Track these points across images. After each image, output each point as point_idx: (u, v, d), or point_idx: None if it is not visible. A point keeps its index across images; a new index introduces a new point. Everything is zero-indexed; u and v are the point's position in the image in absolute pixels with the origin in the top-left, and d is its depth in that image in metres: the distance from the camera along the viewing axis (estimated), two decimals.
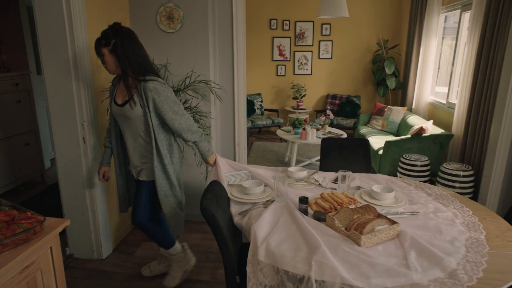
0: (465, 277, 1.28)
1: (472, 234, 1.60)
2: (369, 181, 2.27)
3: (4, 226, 1.32)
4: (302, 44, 7.00)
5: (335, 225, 1.60)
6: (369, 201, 1.90)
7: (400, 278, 1.28)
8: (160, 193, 2.16)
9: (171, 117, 2.04)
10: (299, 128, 4.84)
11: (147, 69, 2.04)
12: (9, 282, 1.23)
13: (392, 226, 1.55)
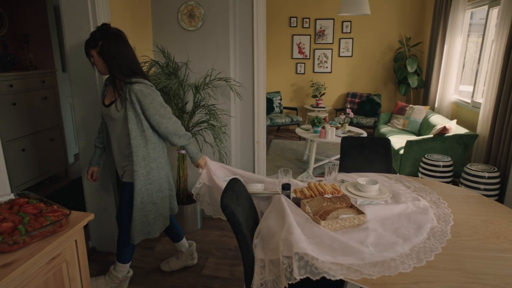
0: (414, 260, 1.40)
1: (441, 224, 1.70)
2: (355, 176, 2.30)
3: (32, 218, 1.36)
4: (322, 42, 6.94)
5: (306, 210, 1.76)
6: (354, 193, 1.97)
7: (353, 256, 1.41)
8: (136, 199, 2.09)
9: (157, 120, 2.02)
10: (318, 126, 4.80)
11: (134, 71, 2.02)
12: (38, 272, 1.27)
13: (357, 216, 1.67)
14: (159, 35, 3.10)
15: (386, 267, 1.35)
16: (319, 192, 1.92)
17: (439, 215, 1.80)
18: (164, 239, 3.02)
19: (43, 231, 1.31)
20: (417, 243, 1.52)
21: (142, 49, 2.96)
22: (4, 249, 1.22)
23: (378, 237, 1.56)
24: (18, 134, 3.65)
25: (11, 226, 1.29)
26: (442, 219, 1.76)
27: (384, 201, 1.91)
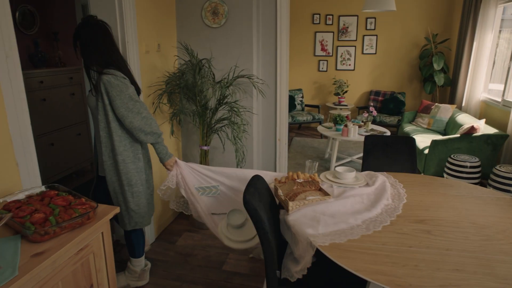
0: (363, 230, 1.61)
1: (395, 202, 1.90)
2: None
3: (62, 210, 1.41)
4: (345, 39, 6.84)
5: (278, 194, 1.91)
6: (332, 180, 2.16)
7: (309, 228, 1.62)
8: (110, 189, 2.13)
9: (122, 113, 1.95)
10: (340, 124, 4.75)
11: (109, 63, 2.00)
12: (67, 262, 1.31)
13: (323, 197, 1.89)
14: (183, 32, 3.13)
15: (337, 235, 1.57)
16: (293, 179, 2.10)
17: (394, 195, 1.99)
18: (186, 234, 3.06)
19: (72, 223, 1.35)
20: (370, 217, 1.74)
21: (166, 46, 3.00)
22: (36, 239, 1.27)
23: (336, 210, 1.79)
24: (47, 129, 3.77)
25: (43, 217, 1.34)
26: (397, 198, 1.96)
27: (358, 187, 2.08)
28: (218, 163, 3.34)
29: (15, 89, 1.62)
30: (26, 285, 1.13)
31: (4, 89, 1.57)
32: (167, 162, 2.18)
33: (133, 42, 2.52)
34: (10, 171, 1.63)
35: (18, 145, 1.66)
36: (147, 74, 2.75)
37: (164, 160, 2.18)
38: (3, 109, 1.58)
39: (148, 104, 2.80)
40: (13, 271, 1.09)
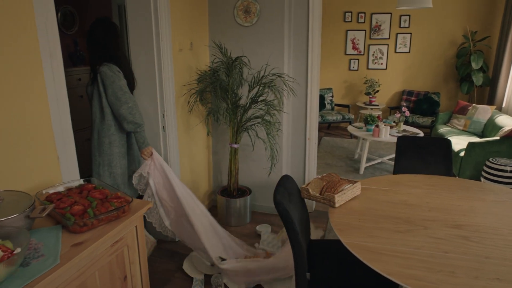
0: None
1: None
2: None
3: (99, 203, 1.46)
4: (378, 37, 6.68)
5: (309, 194, 1.92)
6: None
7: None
8: (93, 168, 2.36)
9: (112, 101, 2.21)
10: (371, 124, 4.65)
11: (111, 58, 2.27)
12: (103, 253, 1.36)
13: (354, 185, 1.97)
14: (215, 31, 3.17)
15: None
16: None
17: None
18: None
19: (108, 216, 1.40)
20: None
21: (198, 45, 3.05)
22: (76, 230, 1.32)
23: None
24: (84, 125, 3.92)
25: (82, 209, 1.40)
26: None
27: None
28: (248, 161, 3.35)
29: (58, 86, 1.70)
30: (66, 273, 1.18)
31: (48, 86, 1.64)
32: (143, 150, 2.38)
33: (167, 40, 2.57)
34: (51, 164, 1.71)
35: (59, 139, 1.73)
36: (180, 72, 2.80)
37: (141, 148, 2.38)
38: (47, 105, 1.65)
39: (182, 103, 2.85)
40: (55, 259, 1.15)
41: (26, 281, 1.04)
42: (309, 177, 3.32)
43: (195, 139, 3.13)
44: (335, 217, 1.77)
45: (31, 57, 1.56)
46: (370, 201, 1.94)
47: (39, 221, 1.43)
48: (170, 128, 2.71)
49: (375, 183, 2.20)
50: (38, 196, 1.49)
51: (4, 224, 1.19)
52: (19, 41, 1.50)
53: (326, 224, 3.21)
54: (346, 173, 4.62)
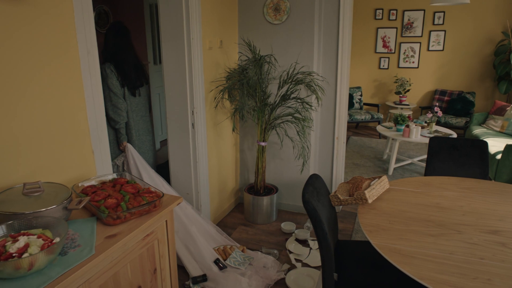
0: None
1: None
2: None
3: (131, 197, 1.50)
4: (410, 35, 6.50)
5: (340, 199, 1.88)
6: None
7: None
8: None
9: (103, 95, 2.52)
10: (401, 124, 4.53)
11: (111, 57, 2.59)
12: (135, 245, 1.40)
13: (380, 179, 1.99)
14: (244, 29, 3.18)
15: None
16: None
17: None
18: (241, 227, 3.12)
19: (140, 210, 1.44)
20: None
21: (228, 43, 3.07)
22: (109, 222, 1.37)
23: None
24: None
25: (115, 202, 1.44)
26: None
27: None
28: (275, 159, 3.35)
29: (94, 82, 1.76)
30: (101, 264, 1.22)
31: (85, 83, 1.70)
32: (120, 144, 2.71)
33: (198, 39, 2.60)
34: (87, 158, 1.77)
35: (94, 134, 1.79)
36: (209, 70, 2.83)
37: (119, 142, 2.72)
38: (83, 100, 1.72)
39: (210, 99, 2.89)
40: (91, 250, 1.19)
41: (65, 269, 1.08)
42: (337, 176, 3.28)
43: (223, 136, 3.16)
44: (364, 218, 1.74)
45: (70, 54, 1.62)
46: (400, 202, 1.90)
47: (75, 212, 1.49)
48: (199, 125, 2.75)
49: (405, 184, 2.14)
50: (74, 189, 1.55)
51: (44, 214, 1.24)
52: (60, 39, 1.56)
53: (353, 225, 3.17)
54: (374, 173, 4.53)
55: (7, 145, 1.40)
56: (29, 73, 1.45)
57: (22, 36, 1.41)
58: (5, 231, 1.16)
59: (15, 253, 1.03)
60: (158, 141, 5.24)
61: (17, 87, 1.41)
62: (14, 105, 1.40)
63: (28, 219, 1.20)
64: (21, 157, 1.46)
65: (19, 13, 1.38)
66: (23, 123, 1.45)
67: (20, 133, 1.44)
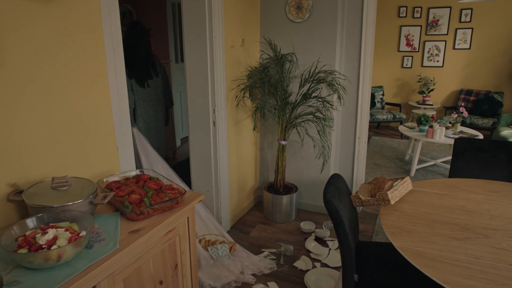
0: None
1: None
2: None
3: (154, 193, 1.53)
4: (435, 33, 6.34)
5: (361, 200, 1.83)
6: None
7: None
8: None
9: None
10: (425, 125, 4.43)
11: (125, 51, 2.76)
12: (157, 241, 1.42)
13: (403, 180, 1.94)
14: (266, 27, 3.17)
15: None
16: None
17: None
18: (260, 226, 3.13)
19: (163, 206, 1.46)
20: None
21: (250, 41, 3.07)
22: (133, 217, 1.39)
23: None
24: None
25: (138, 198, 1.47)
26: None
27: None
28: (295, 158, 3.34)
29: (119, 80, 1.79)
30: (125, 258, 1.25)
31: (111, 80, 1.74)
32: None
33: (220, 37, 2.62)
34: (111, 154, 1.81)
35: (118, 131, 1.83)
36: (231, 68, 2.84)
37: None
38: (108, 98, 1.75)
39: (231, 98, 2.90)
40: (115, 244, 1.22)
41: (90, 262, 1.11)
42: (357, 177, 3.24)
43: (243, 135, 3.17)
44: (387, 219, 1.71)
45: (98, 52, 1.66)
46: (423, 204, 1.86)
47: (100, 207, 1.53)
48: (220, 123, 2.77)
49: (429, 186, 2.09)
50: (99, 184, 1.59)
51: (71, 208, 1.28)
52: (87, 38, 1.60)
53: (373, 226, 3.12)
54: (396, 174, 4.45)
55: (37, 140, 1.44)
56: (59, 71, 1.49)
57: (55, 36, 1.45)
58: (35, 223, 1.20)
59: (44, 245, 1.07)
60: (179, 139, 5.30)
61: (48, 85, 1.45)
62: (45, 102, 1.45)
63: (57, 212, 1.24)
64: (50, 152, 1.51)
65: (50, 15, 1.43)
66: (53, 120, 1.49)
67: (50, 129, 1.49)
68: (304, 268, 2.53)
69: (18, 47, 1.34)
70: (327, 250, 2.75)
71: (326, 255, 2.69)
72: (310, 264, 2.58)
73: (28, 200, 1.28)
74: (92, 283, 1.12)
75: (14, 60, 1.33)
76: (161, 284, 1.49)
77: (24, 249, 1.06)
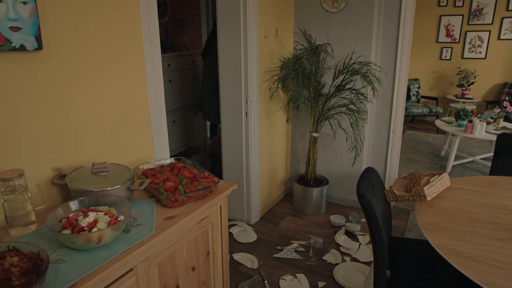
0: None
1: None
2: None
3: (188, 181, 1.55)
4: (478, 22, 6.01)
5: (396, 195, 1.79)
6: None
7: None
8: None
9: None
10: (464, 119, 4.25)
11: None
12: (191, 228, 1.45)
13: (440, 176, 1.87)
14: (300, 17, 3.12)
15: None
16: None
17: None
18: (289, 218, 3.13)
19: (197, 194, 1.49)
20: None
21: (283, 31, 3.04)
22: (168, 204, 1.43)
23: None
24: (171, 107, 4.20)
25: (173, 185, 1.50)
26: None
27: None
28: (327, 150, 3.30)
29: (155, 69, 1.83)
30: (160, 243, 1.29)
31: (148, 70, 1.78)
32: None
33: (254, 27, 2.60)
34: (147, 142, 1.86)
35: (154, 120, 1.87)
36: (264, 59, 2.83)
37: None
38: (145, 87, 1.79)
39: (264, 89, 2.89)
40: (151, 229, 1.25)
41: (128, 246, 1.15)
42: (391, 171, 3.16)
43: (275, 126, 3.16)
44: (422, 216, 1.66)
45: (135, 43, 1.69)
46: (462, 202, 1.78)
47: (136, 193, 1.57)
48: (252, 114, 2.77)
49: (468, 183, 2.01)
50: (135, 171, 1.64)
51: (110, 193, 1.33)
52: (127, 27, 1.64)
53: (405, 222, 3.04)
54: (430, 170, 4.30)
55: (80, 128, 1.51)
56: (100, 61, 1.54)
57: (98, 26, 1.49)
58: (77, 206, 1.25)
59: (86, 227, 1.12)
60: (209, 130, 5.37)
61: (91, 74, 1.51)
62: (88, 91, 1.50)
63: (97, 196, 1.29)
64: (91, 139, 1.57)
65: (91, 8, 1.47)
66: (95, 108, 1.55)
67: (91, 117, 1.55)
68: (333, 262, 2.51)
69: (65, 39, 1.39)
70: (357, 244, 2.71)
71: (356, 249, 2.65)
72: (339, 257, 2.56)
73: (70, 184, 1.34)
74: (129, 265, 1.16)
75: (63, 52, 1.38)
76: (193, 270, 1.53)
77: (67, 230, 1.11)
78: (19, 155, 1.32)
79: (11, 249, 1.04)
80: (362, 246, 2.70)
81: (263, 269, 2.44)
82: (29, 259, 1.00)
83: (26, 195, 1.22)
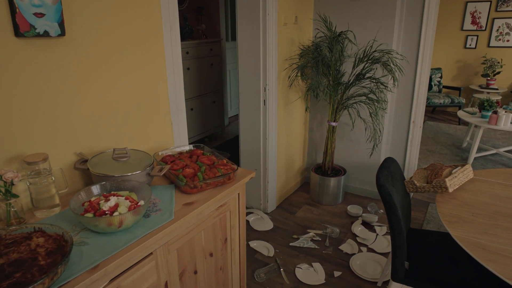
0: None
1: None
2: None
3: (207, 168, 1.56)
4: (507, 9, 5.77)
5: (416, 186, 1.76)
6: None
7: None
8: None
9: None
10: (488, 110, 4.11)
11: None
12: (209, 215, 1.47)
13: (463, 167, 1.83)
14: (320, 4, 3.06)
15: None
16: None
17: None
18: (306, 207, 3.12)
19: (215, 181, 1.50)
20: None
21: (303, 19, 2.99)
22: (186, 190, 1.44)
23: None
24: (189, 95, 4.21)
25: (192, 172, 1.51)
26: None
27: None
28: (345, 140, 3.26)
29: (175, 56, 1.83)
30: (179, 229, 1.30)
31: (167, 57, 1.78)
32: None
33: (273, 14, 2.57)
34: (166, 129, 1.88)
35: (173, 107, 1.88)
36: (283, 46, 2.79)
37: None
38: (165, 74, 1.80)
39: (283, 78, 2.86)
40: (170, 215, 1.27)
41: (148, 230, 1.17)
42: (410, 162, 3.10)
43: (293, 115, 3.14)
44: (444, 208, 1.63)
45: (155, 30, 1.70)
46: (485, 194, 1.74)
47: (155, 179, 1.59)
48: (271, 102, 2.76)
49: (492, 175, 1.95)
50: (155, 157, 1.66)
51: (131, 178, 1.35)
52: (147, 15, 1.64)
53: (424, 214, 3.00)
54: (451, 162, 4.21)
55: (101, 114, 1.53)
56: (120, 48, 1.55)
57: (116, 15, 1.50)
58: (99, 191, 1.28)
59: (107, 211, 1.14)
60: (227, 117, 5.38)
61: (112, 62, 1.52)
62: (108, 78, 1.52)
63: (117, 181, 1.31)
64: (112, 125, 1.59)
65: None
66: (116, 95, 1.57)
67: (112, 104, 1.56)
68: (350, 252, 2.51)
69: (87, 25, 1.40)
70: (374, 235, 2.69)
71: (373, 240, 2.63)
72: (356, 248, 2.54)
73: (92, 168, 1.37)
74: (149, 249, 1.18)
75: (85, 39, 1.40)
76: (211, 256, 1.55)
77: (90, 214, 1.14)
78: (44, 139, 1.35)
79: (37, 230, 1.07)
80: (379, 237, 2.67)
81: (279, 257, 2.45)
82: (54, 240, 1.03)
83: (50, 178, 1.25)
